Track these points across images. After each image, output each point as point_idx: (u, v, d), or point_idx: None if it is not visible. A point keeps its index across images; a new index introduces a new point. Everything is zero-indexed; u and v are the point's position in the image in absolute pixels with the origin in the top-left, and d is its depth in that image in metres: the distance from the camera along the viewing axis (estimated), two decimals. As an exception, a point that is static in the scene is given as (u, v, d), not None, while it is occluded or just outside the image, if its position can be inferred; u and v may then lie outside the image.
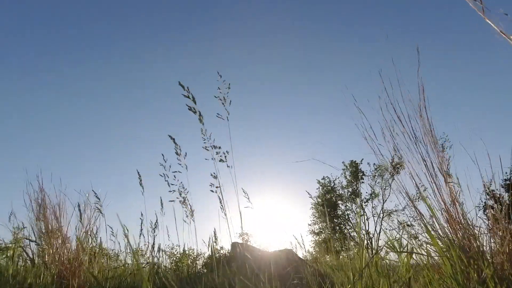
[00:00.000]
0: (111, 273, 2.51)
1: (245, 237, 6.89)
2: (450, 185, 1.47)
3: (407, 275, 1.49)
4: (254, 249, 3.73)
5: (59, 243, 2.27)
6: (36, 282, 2.02)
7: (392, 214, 17.41)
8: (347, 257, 4.09)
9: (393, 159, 1.69)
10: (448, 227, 1.44)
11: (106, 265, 2.70)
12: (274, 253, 3.73)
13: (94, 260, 2.39)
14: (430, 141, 1.53)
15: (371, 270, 1.44)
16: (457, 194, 1.46)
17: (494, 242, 1.39)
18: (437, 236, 1.46)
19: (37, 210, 2.33)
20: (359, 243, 1.54)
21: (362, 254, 1.43)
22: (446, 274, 1.35)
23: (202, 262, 6.41)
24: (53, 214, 2.34)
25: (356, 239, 15.00)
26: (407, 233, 2.17)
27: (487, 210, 1.46)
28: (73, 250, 2.28)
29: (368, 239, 16.45)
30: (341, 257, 7.26)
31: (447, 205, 1.45)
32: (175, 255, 5.54)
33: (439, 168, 1.50)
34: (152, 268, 2.64)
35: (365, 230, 17.05)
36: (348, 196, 18.67)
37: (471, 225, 1.40)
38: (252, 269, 2.00)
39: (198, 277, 2.56)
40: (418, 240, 1.80)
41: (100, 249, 2.56)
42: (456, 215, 1.43)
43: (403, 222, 15.93)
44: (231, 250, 3.65)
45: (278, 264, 3.09)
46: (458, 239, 1.40)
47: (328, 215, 18.28)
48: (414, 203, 1.56)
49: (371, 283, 1.42)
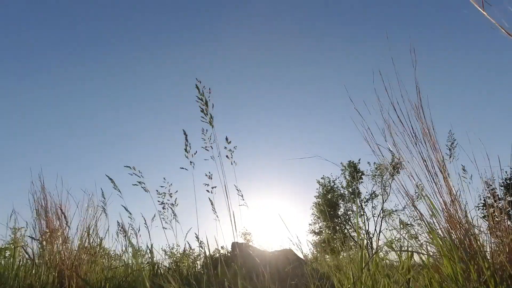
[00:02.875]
0: (111, 273, 2.51)
1: (246, 237, 6.88)
2: (450, 184, 1.47)
3: (408, 275, 1.49)
4: (254, 249, 3.73)
5: (60, 243, 2.27)
6: (36, 282, 2.02)
7: (392, 214, 17.41)
8: (347, 257, 4.09)
9: (392, 159, 1.70)
10: (448, 226, 1.44)
11: (106, 265, 2.70)
12: (274, 252, 3.73)
13: (95, 260, 2.39)
14: (429, 140, 1.53)
15: (371, 270, 1.44)
16: (457, 193, 1.46)
17: (494, 242, 1.39)
18: (437, 235, 1.46)
19: (38, 209, 2.33)
20: (358, 243, 1.54)
21: (362, 254, 1.43)
22: (446, 274, 1.35)
23: (202, 262, 6.41)
24: (55, 214, 2.34)
25: (356, 239, 14.99)
26: (407, 233, 2.17)
27: (487, 209, 1.46)
28: (74, 250, 2.28)
29: (368, 239, 16.44)
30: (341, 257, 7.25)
31: (447, 204, 1.45)
32: (175, 255, 5.54)
33: (439, 168, 1.50)
34: (152, 268, 2.64)
35: (365, 230, 17.05)
36: (348, 196, 18.68)
37: (471, 224, 1.40)
38: (252, 269, 2.00)
39: (198, 277, 2.56)
40: (418, 240, 1.80)
41: (101, 249, 2.56)
42: (456, 215, 1.43)
43: (403, 222, 15.93)
44: (231, 250, 3.65)
45: (278, 264, 3.09)
46: (458, 239, 1.40)
47: (328, 215, 18.28)
48: (414, 203, 1.56)
49: (371, 283, 1.42)
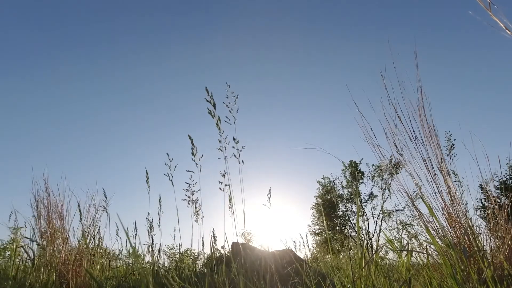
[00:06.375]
0: (111, 273, 2.51)
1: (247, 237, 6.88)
2: (449, 184, 1.47)
3: (407, 274, 1.49)
4: (255, 249, 3.73)
5: (60, 243, 2.27)
6: (37, 282, 2.02)
7: (392, 214, 17.41)
8: (347, 256, 4.09)
9: (391, 159, 1.70)
10: (447, 226, 1.44)
11: (106, 265, 2.70)
12: (274, 252, 3.73)
13: (95, 259, 2.39)
14: (429, 141, 1.54)
15: (371, 269, 1.45)
16: (456, 193, 1.47)
17: (494, 241, 1.39)
18: (436, 235, 1.46)
19: (40, 209, 2.33)
20: (358, 242, 1.55)
21: (361, 254, 1.43)
22: (446, 274, 1.35)
23: (202, 262, 6.41)
24: (55, 214, 2.34)
25: (356, 239, 14.99)
26: (407, 232, 2.18)
27: (487, 210, 1.46)
28: (74, 249, 2.28)
29: (368, 239, 16.44)
30: (341, 257, 7.26)
31: (447, 204, 1.46)
32: (175, 254, 5.55)
33: (439, 168, 1.50)
34: (152, 268, 2.64)
35: (365, 230, 17.05)
36: (348, 196, 18.67)
37: (471, 224, 1.41)
38: (252, 268, 2.00)
39: (198, 277, 2.56)
40: (418, 240, 1.80)
41: (101, 249, 2.56)
42: (455, 215, 1.43)
43: (403, 222, 15.93)
44: (232, 249, 3.66)
45: (278, 264, 3.09)
46: (458, 239, 1.40)
47: (328, 215, 18.27)
48: (414, 203, 1.56)
49: (371, 282, 1.42)
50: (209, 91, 2.04)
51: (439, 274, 1.44)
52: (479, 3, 0.82)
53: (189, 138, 2.20)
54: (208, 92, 2.04)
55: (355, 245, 12.13)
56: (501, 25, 0.79)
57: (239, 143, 2.21)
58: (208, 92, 2.04)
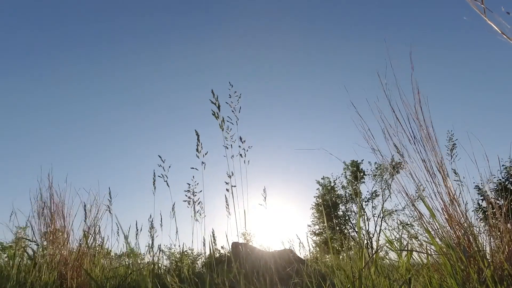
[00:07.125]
0: (112, 273, 2.51)
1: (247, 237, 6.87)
2: (449, 184, 1.47)
3: (407, 274, 1.49)
4: (255, 249, 3.73)
5: (61, 243, 2.27)
6: (37, 282, 2.03)
7: (392, 214, 17.40)
8: (347, 256, 4.09)
9: (392, 159, 1.70)
10: (447, 227, 1.44)
11: (107, 265, 2.70)
12: (274, 253, 3.73)
13: (95, 260, 2.39)
14: (427, 142, 1.54)
15: (371, 269, 1.45)
16: (455, 193, 1.47)
17: (493, 242, 1.39)
18: (436, 235, 1.46)
19: (41, 209, 2.33)
20: (358, 242, 1.55)
21: (361, 253, 1.43)
22: (446, 274, 1.35)
23: (202, 262, 6.40)
24: (56, 214, 2.34)
25: (356, 239, 14.99)
26: (407, 232, 2.18)
27: (487, 210, 1.46)
28: (74, 250, 2.29)
29: (368, 239, 16.43)
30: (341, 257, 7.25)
31: (447, 204, 1.46)
32: (174, 254, 5.54)
33: (438, 168, 1.50)
34: (152, 268, 2.64)
35: (365, 230, 17.03)
36: (349, 196, 18.66)
37: (471, 224, 1.41)
38: (252, 269, 2.00)
39: (198, 277, 2.56)
40: (418, 240, 1.80)
41: (102, 249, 2.56)
42: (455, 215, 1.43)
43: (403, 222, 15.92)
44: (231, 249, 3.66)
45: (278, 264, 3.09)
46: (457, 239, 1.40)
47: (328, 215, 18.25)
48: (414, 203, 1.56)
49: (371, 282, 1.43)
50: (214, 93, 2.06)
51: (439, 274, 1.44)
52: (475, 9, 0.82)
53: (196, 133, 2.21)
54: (214, 94, 2.06)
55: (355, 245, 12.13)
56: (497, 29, 0.79)
57: (245, 143, 2.22)
58: (214, 94, 2.06)
